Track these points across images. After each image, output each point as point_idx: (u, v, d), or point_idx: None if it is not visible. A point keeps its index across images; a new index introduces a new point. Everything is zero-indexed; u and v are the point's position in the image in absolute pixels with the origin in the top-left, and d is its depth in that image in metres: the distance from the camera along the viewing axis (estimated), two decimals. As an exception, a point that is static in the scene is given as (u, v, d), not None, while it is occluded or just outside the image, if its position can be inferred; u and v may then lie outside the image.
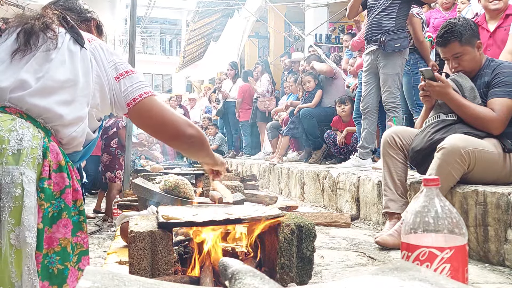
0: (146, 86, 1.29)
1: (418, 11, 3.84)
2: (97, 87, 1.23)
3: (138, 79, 1.29)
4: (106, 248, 2.83)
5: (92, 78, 1.21)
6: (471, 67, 2.33)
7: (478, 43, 2.32)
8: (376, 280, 0.62)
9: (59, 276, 1.07)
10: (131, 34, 4.32)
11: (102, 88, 1.24)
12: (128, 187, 4.38)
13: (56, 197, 1.09)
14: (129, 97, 1.26)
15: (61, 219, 1.08)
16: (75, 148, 1.22)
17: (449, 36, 2.29)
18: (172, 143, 1.37)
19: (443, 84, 2.25)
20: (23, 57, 1.14)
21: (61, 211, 1.08)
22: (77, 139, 1.19)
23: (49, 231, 1.07)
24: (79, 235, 1.13)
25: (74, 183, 1.14)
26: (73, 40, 1.21)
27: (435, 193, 0.92)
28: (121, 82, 1.26)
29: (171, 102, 10.16)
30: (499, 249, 1.97)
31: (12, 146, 1.04)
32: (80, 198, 1.16)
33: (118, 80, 1.26)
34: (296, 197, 4.57)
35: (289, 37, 9.84)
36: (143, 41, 22.97)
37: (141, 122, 1.31)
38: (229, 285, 0.63)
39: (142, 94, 1.26)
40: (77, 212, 1.14)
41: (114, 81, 1.25)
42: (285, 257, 1.43)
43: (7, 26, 1.19)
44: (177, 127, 1.29)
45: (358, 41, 4.75)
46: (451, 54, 2.33)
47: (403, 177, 2.46)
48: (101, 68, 1.24)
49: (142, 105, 1.26)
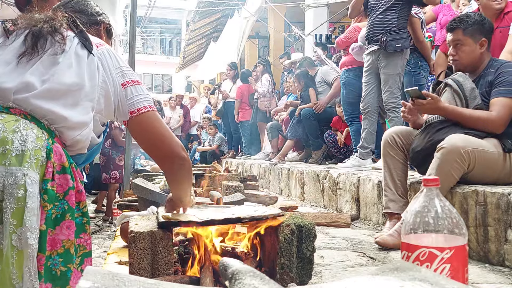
0: (150, 100, 1.30)
1: (417, 11, 3.84)
2: (103, 93, 1.23)
3: (144, 91, 1.30)
4: (106, 248, 2.83)
5: (98, 83, 1.21)
6: (468, 60, 2.33)
7: (482, 41, 2.32)
8: (376, 280, 0.62)
9: (62, 278, 1.07)
10: (131, 34, 4.33)
11: (107, 94, 1.24)
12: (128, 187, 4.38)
13: (60, 199, 1.08)
14: (134, 106, 1.26)
15: (64, 220, 1.08)
16: (79, 151, 1.22)
17: (456, 23, 2.35)
18: (164, 162, 1.34)
19: (432, 100, 2.25)
20: (29, 60, 1.14)
21: (64, 213, 1.08)
22: (81, 142, 1.20)
23: (52, 233, 1.06)
24: (82, 237, 1.13)
25: (78, 185, 1.14)
26: (81, 45, 1.21)
27: (435, 193, 0.92)
28: (127, 89, 1.26)
29: (171, 102, 10.17)
30: (499, 249, 1.97)
31: (16, 147, 1.03)
32: (84, 199, 1.16)
33: (125, 87, 1.26)
34: (296, 197, 4.57)
35: (289, 37, 9.83)
36: (143, 41, 22.97)
37: (140, 134, 1.30)
38: (229, 285, 0.63)
39: (146, 107, 1.27)
40: (80, 213, 1.14)
41: (120, 87, 1.25)
42: (285, 257, 1.43)
43: (15, 28, 1.18)
44: (173, 146, 1.29)
45: (343, 40, 4.73)
46: (453, 40, 2.35)
47: (404, 177, 2.46)
48: (107, 73, 1.24)
49: (144, 118, 1.26)
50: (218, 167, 6.65)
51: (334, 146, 5.08)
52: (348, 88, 4.50)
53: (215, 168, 5.99)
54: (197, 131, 10.32)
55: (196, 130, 10.37)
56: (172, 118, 9.90)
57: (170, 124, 9.81)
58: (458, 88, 2.29)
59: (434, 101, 2.25)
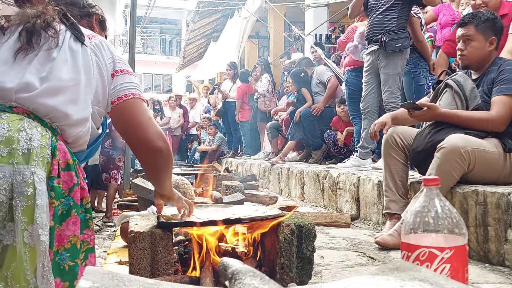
0: (136, 89, 1.26)
1: (416, 10, 3.84)
2: (99, 84, 1.22)
3: (132, 80, 1.26)
4: (106, 248, 2.83)
5: (94, 75, 1.21)
6: (475, 56, 2.33)
7: (492, 39, 2.32)
8: (376, 280, 0.62)
9: (70, 273, 1.09)
10: (131, 34, 4.33)
11: (104, 85, 1.23)
12: (128, 187, 4.38)
13: (65, 195, 1.11)
14: (115, 95, 1.23)
15: (70, 216, 1.10)
16: (81, 147, 1.23)
17: (469, 18, 2.35)
18: (136, 150, 1.28)
19: (429, 110, 2.27)
20: (26, 56, 1.14)
21: (70, 209, 1.10)
22: (83, 138, 1.21)
23: (59, 229, 1.09)
24: (86, 233, 1.15)
25: (81, 181, 1.15)
26: (73, 38, 1.21)
27: (435, 193, 0.92)
28: (115, 79, 1.24)
29: (170, 102, 10.17)
30: (499, 249, 1.97)
31: (22, 146, 1.05)
32: (87, 196, 1.17)
33: (114, 77, 1.24)
34: (296, 197, 4.57)
35: (289, 37, 9.83)
36: (143, 41, 22.96)
37: (117, 121, 1.26)
38: (229, 285, 0.63)
39: (128, 94, 1.23)
40: (84, 210, 1.15)
41: (110, 78, 1.24)
42: (285, 257, 1.43)
43: (9, 24, 1.19)
44: (148, 134, 1.23)
45: (343, 41, 4.73)
46: (463, 35, 2.35)
47: (404, 178, 2.45)
48: (102, 64, 1.23)
49: (125, 104, 1.23)
50: (218, 167, 6.65)
51: (334, 146, 5.08)
52: (351, 88, 4.50)
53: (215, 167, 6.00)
54: (197, 131, 10.32)
55: (196, 130, 10.38)
56: (172, 118, 9.90)
57: (170, 124, 9.82)
58: (458, 89, 2.29)
59: (431, 109, 2.26)
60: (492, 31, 2.33)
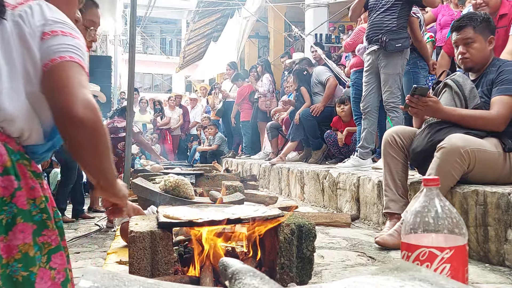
0: (70, 51, 0.99)
1: (415, 10, 3.84)
2: (27, 58, 0.99)
3: (66, 41, 0.99)
4: (106, 248, 2.83)
5: (18, 55, 0.98)
6: (478, 58, 2.33)
7: (490, 38, 2.33)
8: (376, 280, 0.62)
9: (25, 283, 0.98)
10: (131, 34, 4.32)
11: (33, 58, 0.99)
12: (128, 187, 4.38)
13: (7, 203, 0.97)
14: (43, 62, 0.97)
15: (16, 225, 0.98)
16: (33, 142, 1.04)
17: (465, 21, 2.34)
18: (58, 123, 0.98)
19: (435, 99, 2.26)
20: None
21: (15, 216, 0.98)
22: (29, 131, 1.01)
23: (6, 240, 0.97)
24: (45, 234, 1.02)
25: (28, 181, 1.01)
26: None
27: (435, 193, 0.92)
28: (44, 43, 0.98)
29: (170, 102, 10.18)
30: (499, 249, 1.97)
31: None
32: (39, 195, 1.02)
33: (43, 41, 0.98)
34: (296, 197, 4.57)
35: (289, 37, 9.83)
36: (143, 41, 22.97)
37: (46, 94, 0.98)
38: (229, 285, 0.63)
39: (56, 59, 0.97)
40: (39, 210, 1.01)
41: (39, 46, 0.98)
42: (285, 257, 1.43)
43: None
44: (69, 99, 0.94)
45: (349, 43, 4.73)
46: (463, 39, 2.34)
47: (404, 177, 2.45)
48: (28, 34, 0.98)
49: (52, 70, 0.97)
50: (218, 166, 6.66)
51: (334, 146, 5.08)
52: (356, 89, 4.50)
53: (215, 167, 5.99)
54: (197, 131, 10.33)
55: (196, 130, 10.38)
56: (172, 118, 9.91)
57: (170, 124, 9.83)
58: (457, 89, 2.29)
59: (434, 102, 2.25)
60: (489, 30, 2.34)
